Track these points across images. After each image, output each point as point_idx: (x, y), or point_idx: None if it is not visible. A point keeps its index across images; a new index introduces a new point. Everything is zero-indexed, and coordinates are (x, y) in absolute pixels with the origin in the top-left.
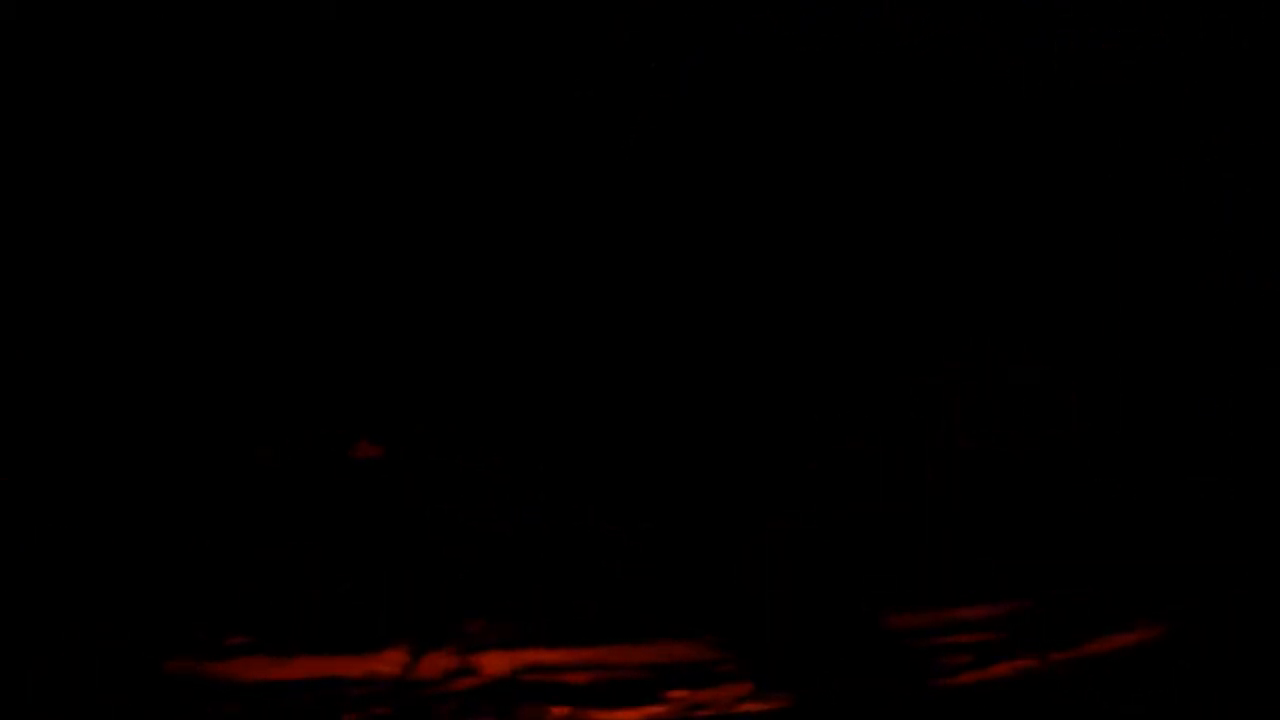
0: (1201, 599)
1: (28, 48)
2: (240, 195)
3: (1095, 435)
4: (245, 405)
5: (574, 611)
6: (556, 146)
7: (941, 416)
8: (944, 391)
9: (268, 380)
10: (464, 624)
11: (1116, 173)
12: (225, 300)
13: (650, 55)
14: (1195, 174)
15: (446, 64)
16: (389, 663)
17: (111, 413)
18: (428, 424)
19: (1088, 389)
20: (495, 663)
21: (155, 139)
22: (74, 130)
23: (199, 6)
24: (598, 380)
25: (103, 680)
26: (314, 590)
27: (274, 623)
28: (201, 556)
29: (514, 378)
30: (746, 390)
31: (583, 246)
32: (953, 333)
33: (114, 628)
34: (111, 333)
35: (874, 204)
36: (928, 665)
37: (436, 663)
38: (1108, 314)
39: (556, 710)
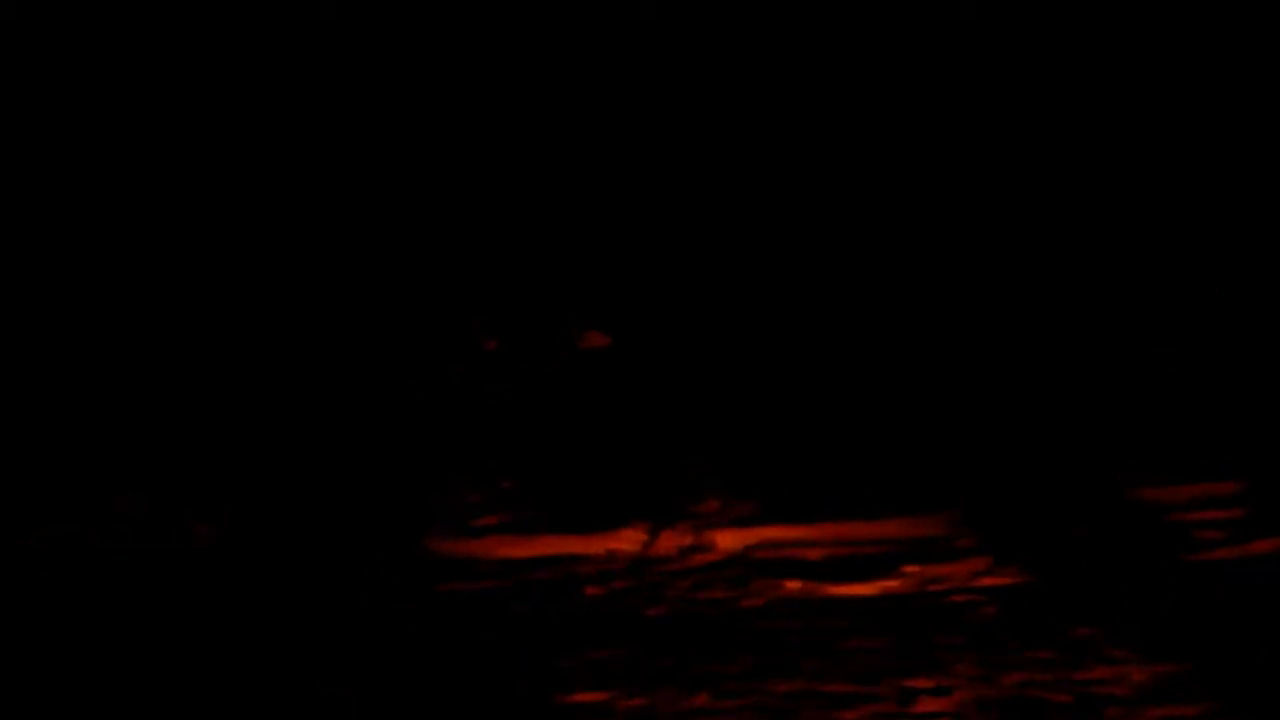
0: None
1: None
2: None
3: None
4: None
5: (807, 489)
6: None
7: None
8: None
9: (497, 280)
10: (699, 503)
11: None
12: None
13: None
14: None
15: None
16: (627, 540)
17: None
18: (654, 314)
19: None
20: (729, 540)
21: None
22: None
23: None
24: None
25: (376, 558)
26: (556, 474)
27: (520, 506)
28: (454, 447)
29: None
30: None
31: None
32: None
33: (385, 514)
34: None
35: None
36: (1181, 540)
37: (672, 540)
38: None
39: (790, 584)
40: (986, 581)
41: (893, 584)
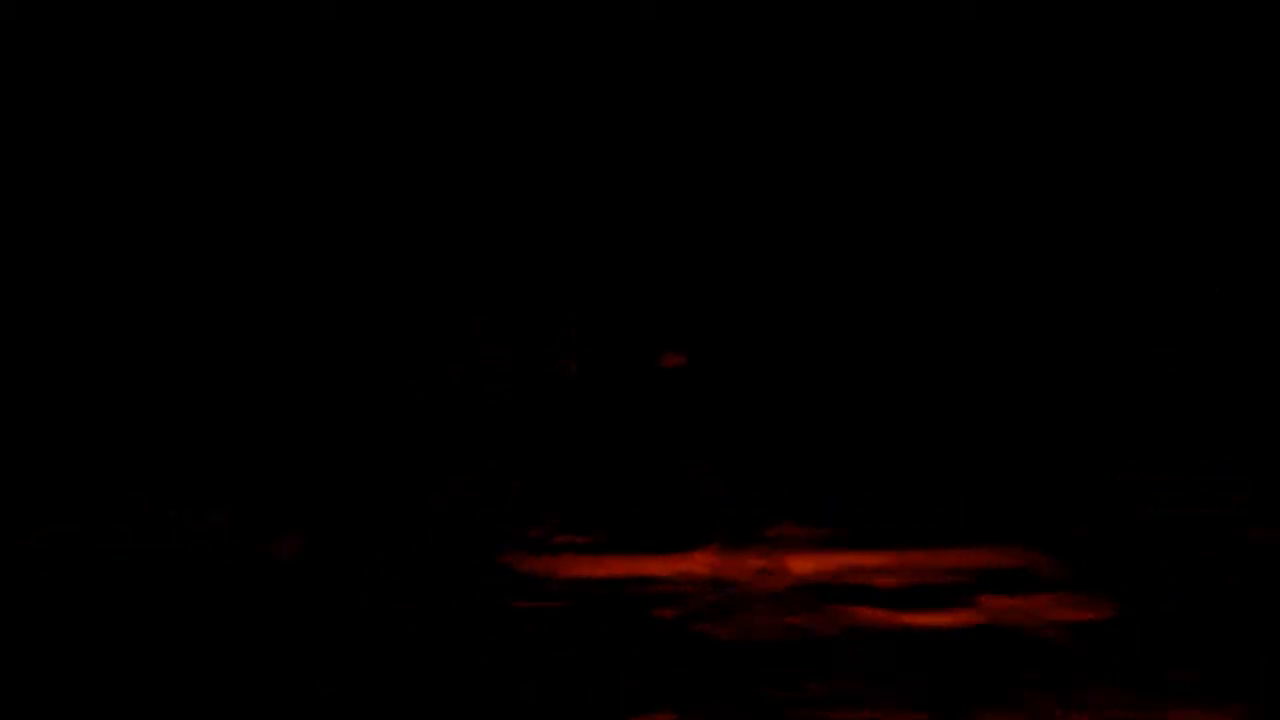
0: None
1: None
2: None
3: None
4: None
5: (885, 515)
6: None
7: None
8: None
9: (580, 297)
10: (774, 527)
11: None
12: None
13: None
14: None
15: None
16: (700, 563)
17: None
18: (725, 337)
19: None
20: (804, 565)
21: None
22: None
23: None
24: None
25: (447, 570)
26: (631, 495)
27: (594, 526)
28: (534, 466)
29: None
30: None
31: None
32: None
33: (458, 527)
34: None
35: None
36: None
37: (746, 564)
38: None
39: (864, 612)
40: (1067, 615)
41: (970, 615)
